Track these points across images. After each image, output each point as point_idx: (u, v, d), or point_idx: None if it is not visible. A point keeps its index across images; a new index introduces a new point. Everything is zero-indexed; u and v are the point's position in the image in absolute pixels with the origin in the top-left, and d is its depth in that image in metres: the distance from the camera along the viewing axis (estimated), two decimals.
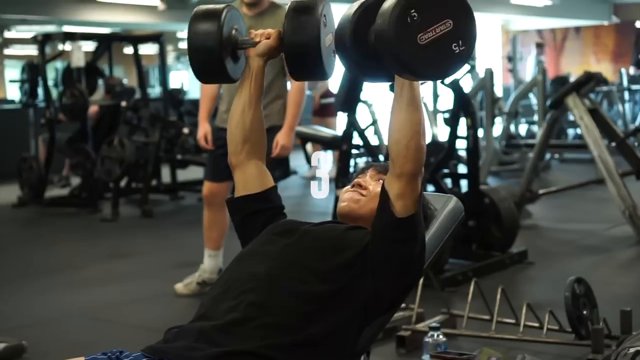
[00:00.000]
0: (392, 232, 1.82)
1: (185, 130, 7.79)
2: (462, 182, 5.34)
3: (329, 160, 10.35)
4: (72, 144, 7.80)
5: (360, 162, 7.67)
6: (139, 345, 1.83)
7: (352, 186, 2.07)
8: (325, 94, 10.41)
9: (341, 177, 5.34)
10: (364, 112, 8.23)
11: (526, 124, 11.73)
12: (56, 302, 4.47)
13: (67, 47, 8.36)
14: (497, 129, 9.33)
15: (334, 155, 9.84)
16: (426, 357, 2.77)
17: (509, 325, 3.53)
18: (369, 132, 6.74)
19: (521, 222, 5.63)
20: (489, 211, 5.06)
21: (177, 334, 1.83)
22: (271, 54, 2.02)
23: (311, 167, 9.83)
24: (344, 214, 2.03)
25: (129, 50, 14.13)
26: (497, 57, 16.18)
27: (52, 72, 9.68)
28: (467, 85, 8.61)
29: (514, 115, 9.30)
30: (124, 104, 8.02)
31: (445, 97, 6.42)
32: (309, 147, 9.50)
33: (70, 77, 7.87)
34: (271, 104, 4.14)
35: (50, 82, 8.35)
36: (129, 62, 11.86)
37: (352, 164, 6.52)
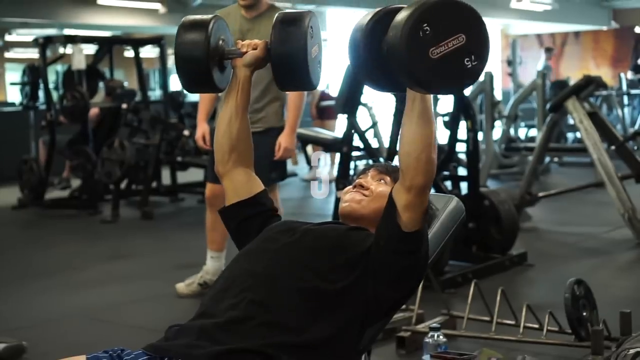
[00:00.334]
0: (396, 243, 1.83)
1: (185, 132, 7.80)
2: (462, 185, 5.35)
3: (328, 161, 10.37)
4: (73, 146, 7.80)
5: (360, 164, 7.69)
6: (139, 345, 1.84)
7: (354, 187, 2.08)
8: (324, 97, 10.43)
9: (342, 179, 5.34)
10: (364, 114, 8.25)
11: (525, 128, 11.75)
12: (56, 303, 4.48)
13: (68, 50, 8.37)
14: (497, 132, 9.34)
15: (332, 157, 9.87)
16: (426, 357, 2.77)
17: (508, 326, 3.53)
18: (369, 135, 6.74)
19: (521, 224, 5.64)
20: (488, 213, 5.07)
21: (178, 331, 1.84)
22: (258, 64, 2.04)
23: (311, 169, 9.84)
24: (346, 214, 2.04)
25: (129, 53, 14.16)
26: (496, 61, 16.20)
27: (52, 75, 9.68)
28: (467, 88, 8.62)
29: (513, 118, 9.31)
30: (124, 106, 8.03)
31: (445, 100, 6.44)
32: (310, 149, 9.51)
33: (71, 79, 7.88)
34: (268, 106, 4.16)
35: (50, 85, 8.36)
36: (130, 65, 11.87)
37: (352, 166, 6.53)
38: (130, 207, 7.82)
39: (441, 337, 3.08)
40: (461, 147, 5.46)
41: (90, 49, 9.08)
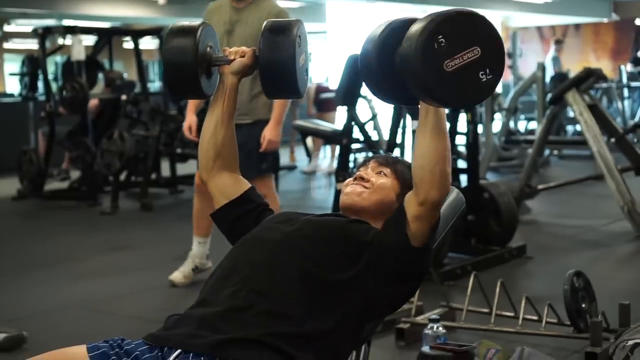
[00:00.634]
0: (400, 253, 1.84)
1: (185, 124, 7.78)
2: (462, 177, 5.35)
3: (328, 154, 10.35)
4: (72, 137, 7.80)
5: (359, 157, 7.69)
6: (139, 335, 1.84)
7: (354, 179, 2.07)
8: (323, 89, 10.42)
9: (341, 171, 5.35)
10: (364, 107, 8.24)
11: (525, 120, 11.74)
12: (55, 293, 4.48)
13: (67, 41, 8.35)
14: (497, 124, 9.34)
15: (332, 149, 9.86)
16: (426, 348, 2.78)
17: (507, 318, 3.54)
18: (369, 127, 6.74)
19: (520, 217, 5.64)
20: (488, 206, 5.07)
21: (178, 321, 1.84)
22: (245, 72, 2.05)
23: (311, 161, 9.84)
24: (347, 206, 2.04)
25: (128, 45, 14.14)
26: None
27: (51, 66, 9.67)
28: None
29: (513, 111, 9.30)
30: (124, 97, 8.03)
31: None
32: (309, 141, 9.50)
33: (70, 70, 7.88)
34: (256, 98, 4.20)
35: (50, 76, 8.35)
36: (129, 57, 11.87)
37: (352, 158, 6.52)
38: (129, 198, 7.82)
39: (440, 329, 3.09)
40: (461, 140, 5.46)
41: (89, 40, 9.07)
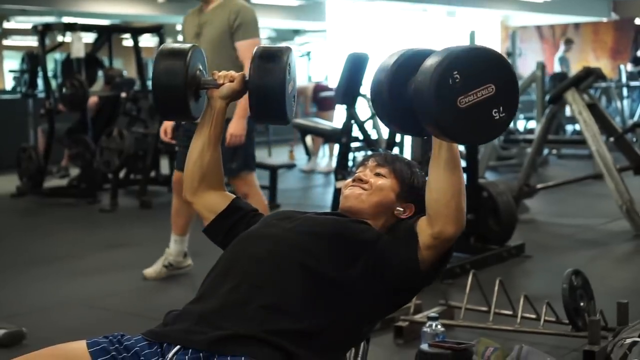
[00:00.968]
0: (406, 273, 1.85)
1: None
2: None
3: (326, 153, 10.34)
4: (72, 134, 7.80)
5: (359, 155, 7.69)
6: (138, 332, 1.84)
7: (353, 180, 2.08)
8: (321, 88, 10.42)
9: (340, 170, 5.36)
10: (363, 105, 8.25)
11: (524, 120, 11.74)
12: (55, 290, 4.49)
13: (67, 38, 8.35)
14: None
15: (330, 148, 9.86)
16: (425, 346, 2.78)
17: (506, 316, 3.55)
18: (368, 125, 6.75)
19: (519, 216, 5.65)
20: (487, 205, 5.08)
21: (177, 316, 1.84)
22: (234, 96, 2.06)
23: (310, 159, 9.84)
24: (346, 209, 2.04)
25: (128, 42, 14.13)
26: None
27: (51, 63, 9.67)
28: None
29: None
30: (123, 95, 8.03)
31: None
32: (309, 139, 9.51)
33: (70, 67, 7.87)
34: None
35: (49, 73, 8.34)
36: (128, 55, 11.88)
37: (351, 157, 6.53)
38: (128, 196, 7.82)
39: (439, 327, 3.09)
40: None
41: (89, 38, 9.06)
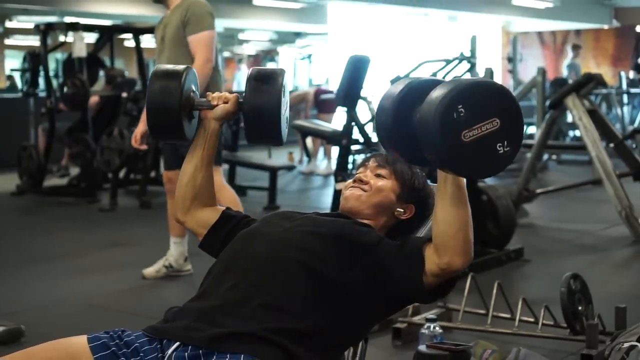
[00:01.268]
0: (408, 290, 1.84)
1: None
2: None
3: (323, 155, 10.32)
4: (72, 133, 7.81)
5: (358, 158, 7.69)
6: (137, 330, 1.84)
7: (354, 181, 2.08)
8: (322, 92, 10.43)
9: (340, 172, 5.36)
10: (363, 108, 8.26)
11: (524, 125, 11.75)
12: (54, 288, 4.50)
13: (69, 38, 8.36)
14: None
15: (327, 149, 9.86)
16: (423, 347, 2.79)
17: (504, 319, 3.56)
18: (369, 128, 6.76)
19: (518, 220, 5.66)
20: (486, 208, 5.08)
21: (177, 313, 1.85)
22: (228, 117, 2.04)
23: (310, 161, 9.84)
24: (346, 210, 2.04)
25: (129, 43, 14.13)
26: (497, 58, 16.19)
27: (52, 63, 9.68)
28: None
29: None
30: (124, 95, 8.03)
31: None
32: (309, 141, 9.52)
33: (71, 67, 7.88)
34: None
35: (50, 73, 8.36)
36: (130, 55, 11.88)
37: (351, 160, 6.54)
38: (128, 196, 7.83)
39: (437, 329, 3.10)
40: None
41: (90, 38, 9.07)
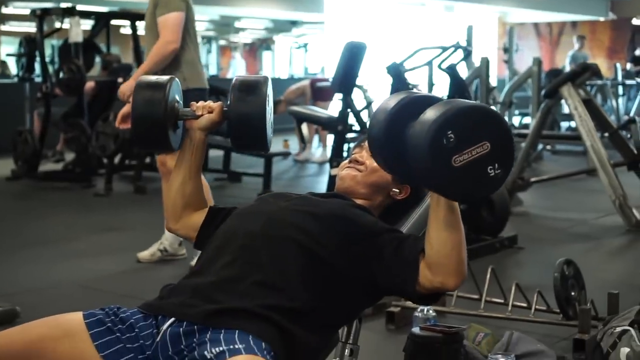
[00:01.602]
0: (399, 291, 1.84)
1: None
2: None
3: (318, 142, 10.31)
4: (68, 118, 7.80)
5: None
6: None
7: (349, 162, 2.09)
8: (317, 80, 10.43)
9: (336, 158, 5.38)
10: (359, 96, 8.26)
11: (519, 116, 11.77)
12: (49, 271, 4.51)
13: (65, 24, 8.34)
14: None
15: (322, 137, 9.86)
16: (416, 329, 2.80)
17: (497, 304, 3.57)
18: (364, 115, 6.76)
19: (512, 208, 5.68)
20: None
21: (172, 290, 1.86)
22: (213, 127, 2.04)
23: (304, 148, 9.84)
24: (342, 190, 2.05)
25: (125, 30, 14.09)
26: (493, 48, 16.18)
27: (48, 49, 9.65)
28: (463, 73, 8.63)
29: (508, 105, 9.33)
30: (120, 80, 8.01)
31: (440, 85, 6.45)
32: (305, 127, 9.51)
33: (67, 52, 7.87)
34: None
35: (46, 59, 8.34)
36: (126, 42, 11.83)
37: (346, 148, 6.54)
38: (123, 181, 7.83)
39: (430, 312, 3.11)
40: None
41: (86, 25, 9.05)
